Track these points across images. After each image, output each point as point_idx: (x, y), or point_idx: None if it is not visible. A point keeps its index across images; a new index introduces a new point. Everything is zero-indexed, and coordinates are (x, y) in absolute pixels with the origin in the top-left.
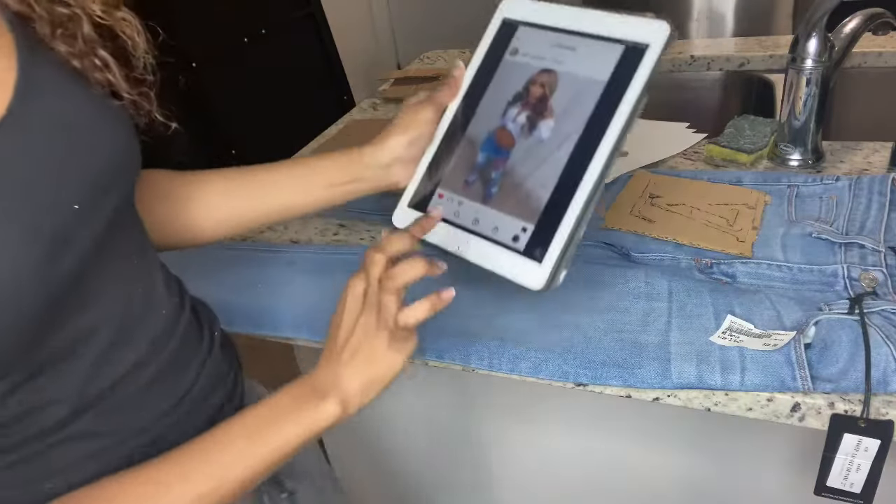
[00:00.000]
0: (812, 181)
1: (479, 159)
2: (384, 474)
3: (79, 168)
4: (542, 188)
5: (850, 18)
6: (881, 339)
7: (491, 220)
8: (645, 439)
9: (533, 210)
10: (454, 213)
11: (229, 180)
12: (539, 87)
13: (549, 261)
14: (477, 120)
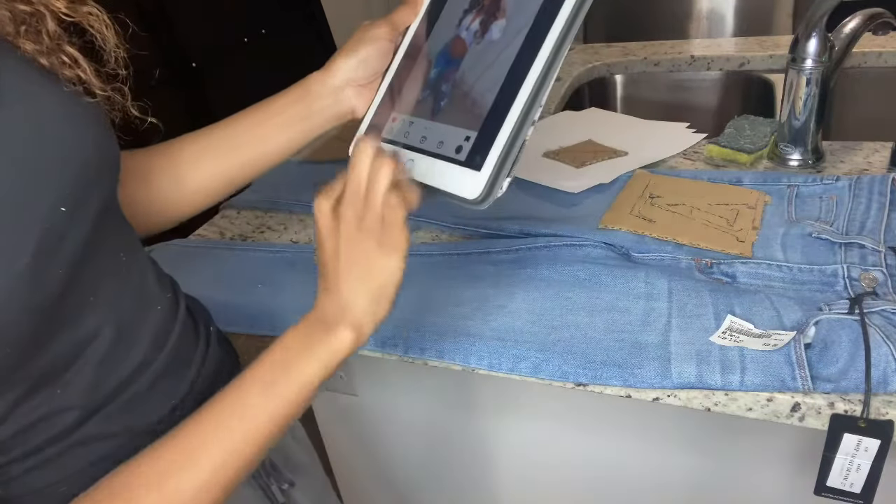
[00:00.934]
0: (812, 181)
1: (432, 75)
2: (383, 475)
3: (58, 169)
4: (488, 93)
5: (850, 18)
6: (881, 339)
7: (437, 135)
8: (645, 439)
9: (477, 117)
10: (404, 134)
11: (196, 144)
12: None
13: (488, 167)
14: (434, 36)
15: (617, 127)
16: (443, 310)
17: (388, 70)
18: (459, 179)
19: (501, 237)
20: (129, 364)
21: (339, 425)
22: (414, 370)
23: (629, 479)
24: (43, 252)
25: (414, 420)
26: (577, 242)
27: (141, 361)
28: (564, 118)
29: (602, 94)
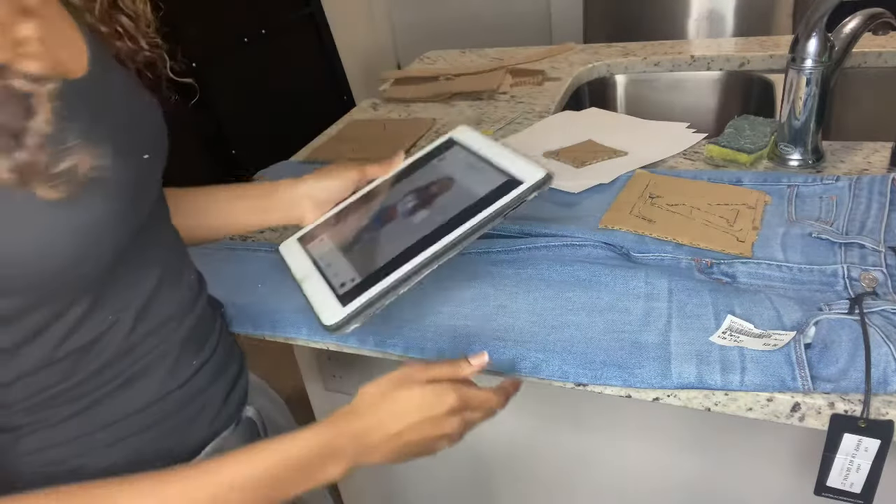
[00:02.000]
0: (812, 181)
1: (364, 223)
2: (383, 474)
3: (145, 123)
4: (383, 258)
5: (850, 18)
6: (881, 339)
7: (338, 267)
8: (645, 439)
9: (367, 269)
10: (320, 254)
11: (171, 199)
12: (437, 187)
13: (349, 308)
14: (385, 197)
15: (617, 127)
16: (443, 309)
17: (341, 203)
18: (328, 306)
19: (501, 237)
20: (166, 309)
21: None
22: None
23: (629, 479)
24: (139, 188)
25: None
26: (577, 242)
27: (172, 315)
28: (564, 118)
29: (602, 94)
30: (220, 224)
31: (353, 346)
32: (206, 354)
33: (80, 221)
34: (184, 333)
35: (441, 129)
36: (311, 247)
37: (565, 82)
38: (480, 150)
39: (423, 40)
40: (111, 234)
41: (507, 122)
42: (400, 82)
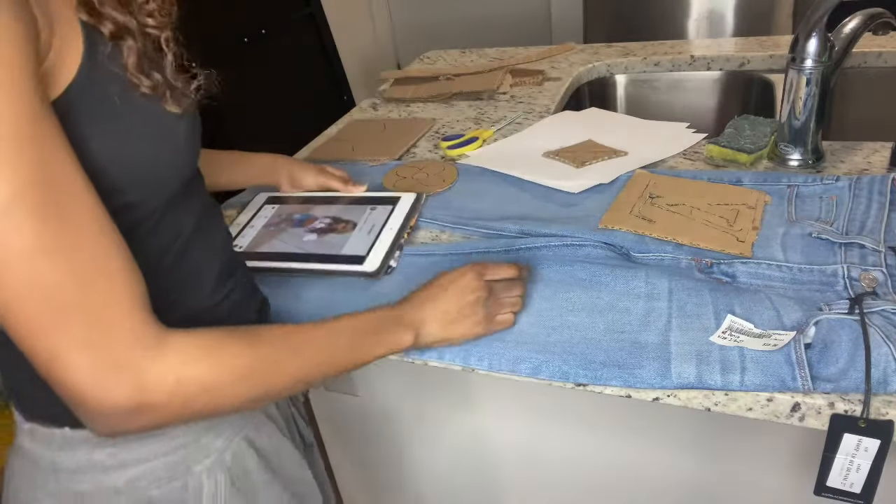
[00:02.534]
0: (812, 181)
1: (294, 215)
2: (383, 474)
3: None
4: (272, 248)
5: (850, 18)
6: (881, 339)
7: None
8: (645, 439)
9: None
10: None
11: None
12: (342, 226)
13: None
14: (322, 207)
15: (617, 127)
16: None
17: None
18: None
19: (502, 237)
20: (209, 236)
21: (339, 425)
22: (414, 370)
23: (629, 479)
24: (190, 134)
25: (414, 420)
26: (577, 242)
27: (214, 242)
28: (564, 118)
29: (602, 94)
30: (225, 183)
31: None
32: (237, 280)
33: (190, 131)
34: (220, 261)
35: (441, 129)
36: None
37: (565, 82)
38: (393, 221)
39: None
40: (197, 147)
41: (507, 122)
42: (400, 82)
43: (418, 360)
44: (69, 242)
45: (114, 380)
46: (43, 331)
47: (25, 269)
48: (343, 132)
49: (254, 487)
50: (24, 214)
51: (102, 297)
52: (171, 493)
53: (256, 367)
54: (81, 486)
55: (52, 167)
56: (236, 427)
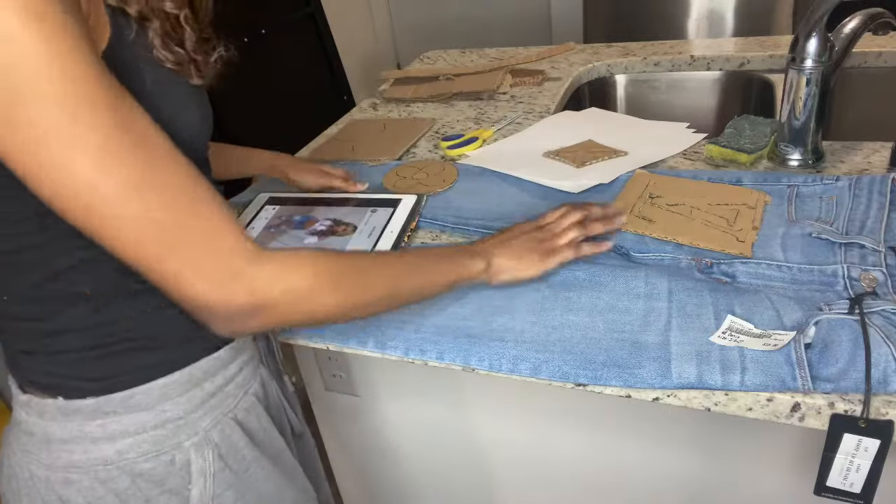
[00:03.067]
0: (812, 181)
1: (294, 216)
2: (384, 474)
3: None
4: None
5: (850, 18)
6: (881, 339)
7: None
8: (645, 439)
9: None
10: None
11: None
12: (342, 228)
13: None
14: (322, 208)
15: (617, 127)
16: (443, 310)
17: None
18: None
19: None
20: None
21: (339, 425)
22: (414, 370)
23: (629, 480)
24: (205, 122)
25: (414, 420)
26: None
27: None
28: (564, 118)
29: (602, 94)
30: (225, 173)
31: (353, 347)
32: None
33: (205, 101)
34: None
35: (441, 129)
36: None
37: (565, 82)
38: (394, 223)
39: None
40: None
41: (507, 122)
42: (400, 82)
43: (418, 360)
44: (162, 175)
45: (231, 288)
46: (164, 257)
47: (134, 206)
48: (343, 132)
49: (243, 463)
50: (117, 156)
51: (205, 219)
52: (158, 466)
53: (351, 278)
54: (73, 457)
55: (127, 112)
56: (224, 408)
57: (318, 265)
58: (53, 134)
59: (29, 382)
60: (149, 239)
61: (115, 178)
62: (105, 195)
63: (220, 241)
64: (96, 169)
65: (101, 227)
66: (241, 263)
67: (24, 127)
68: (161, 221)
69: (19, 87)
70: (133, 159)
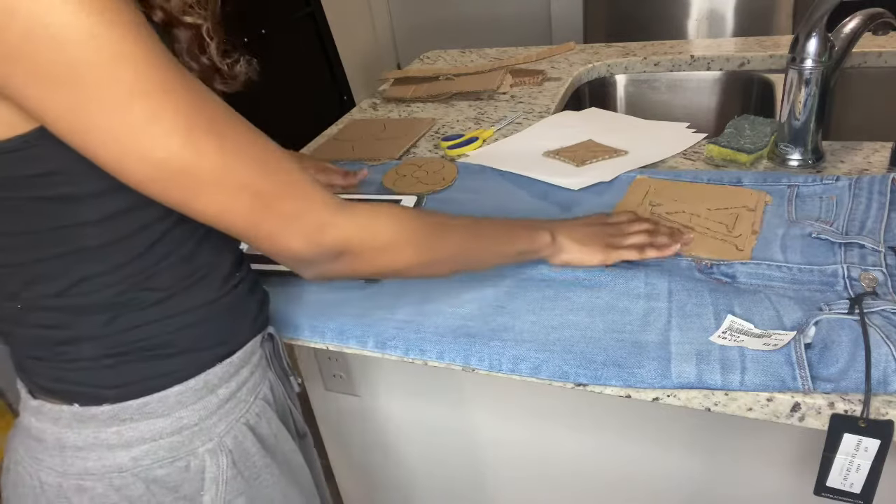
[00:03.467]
0: (812, 181)
1: None
2: (384, 474)
3: None
4: None
5: (850, 18)
6: (881, 339)
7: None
8: (645, 439)
9: None
10: None
11: None
12: None
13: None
14: None
15: (617, 127)
16: (443, 310)
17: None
18: None
19: None
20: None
21: (339, 425)
22: (414, 370)
23: (629, 480)
24: None
25: (414, 420)
26: None
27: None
28: (564, 118)
29: (602, 94)
30: None
31: (353, 347)
32: (244, 273)
33: None
34: (231, 253)
35: (441, 129)
36: None
37: (565, 82)
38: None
39: (423, 40)
40: None
41: (507, 122)
42: (400, 82)
43: (418, 360)
44: (243, 145)
45: (321, 237)
46: (259, 220)
47: (229, 177)
48: (343, 132)
49: (254, 470)
50: (203, 135)
51: (289, 180)
52: (173, 472)
53: (427, 234)
54: (87, 464)
55: (199, 92)
56: (237, 413)
57: (399, 220)
58: (140, 123)
59: (39, 388)
60: (244, 207)
61: (207, 155)
62: (199, 172)
63: (307, 196)
64: (188, 148)
65: (197, 201)
66: (328, 215)
67: (108, 119)
68: (253, 189)
69: (100, 84)
70: (214, 137)
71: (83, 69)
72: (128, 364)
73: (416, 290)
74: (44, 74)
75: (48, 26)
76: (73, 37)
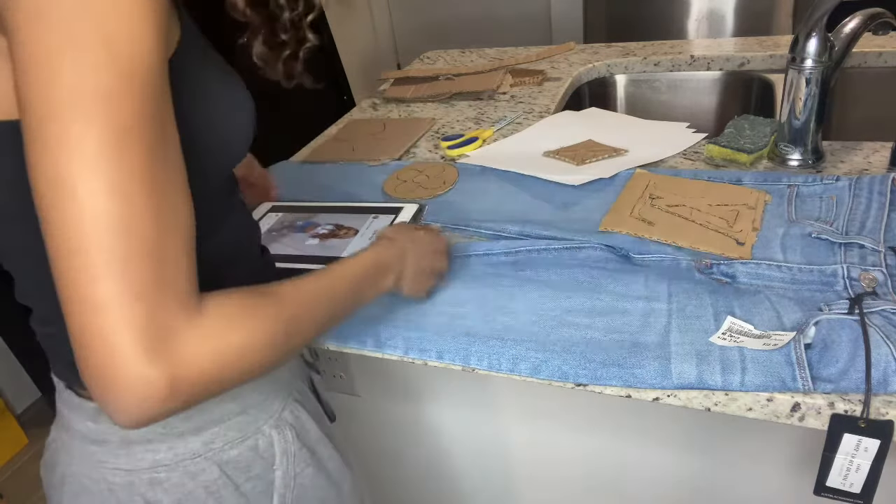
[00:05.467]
0: (812, 181)
1: (298, 221)
2: (384, 474)
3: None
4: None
5: (850, 18)
6: (881, 339)
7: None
8: (645, 439)
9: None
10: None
11: None
12: (344, 231)
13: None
14: (323, 214)
15: (617, 127)
16: (443, 310)
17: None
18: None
19: (502, 238)
20: (248, 219)
21: (339, 425)
22: (414, 370)
23: (628, 479)
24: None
25: (414, 420)
26: (576, 245)
27: (251, 226)
28: (564, 118)
29: (602, 94)
30: None
31: (353, 347)
32: (267, 259)
33: (252, 108)
34: (256, 242)
35: (441, 129)
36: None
37: (565, 82)
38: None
39: (423, 40)
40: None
41: (507, 122)
42: (400, 82)
43: (418, 360)
44: (163, 186)
45: (159, 342)
46: (105, 274)
47: (117, 201)
48: (343, 132)
49: (313, 443)
50: (138, 144)
51: (172, 250)
52: (244, 451)
53: (282, 330)
54: (157, 456)
55: (164, 111)
56: (289, 390)
57: (256, 321)
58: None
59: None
60: (102, 244)
61: (117, 166)
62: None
63: (173, 279)
64: (77, 173)
65: (45, 224)
66: (178, 316)
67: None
68: (130, 229)
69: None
70: (146, 155)
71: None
72: None
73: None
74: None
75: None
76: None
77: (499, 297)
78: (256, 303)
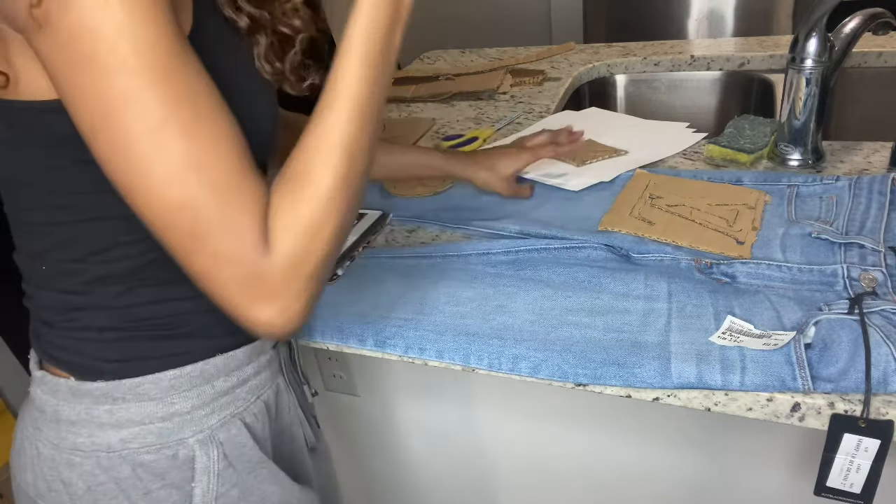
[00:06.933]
0: (812, 181)
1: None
2: (384, 474)
3: None
4: None
5: (850, 18)
6: (881, 338)
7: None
8: (645, 439)
9: None
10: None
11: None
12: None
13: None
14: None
15: (617, 127)
16: (442, 310)
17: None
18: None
19: (502, 237)
20: None
21: (339, 425)
22: (414, 370)
23: (629, 479)
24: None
25: (414, 420)
26: (576, 244)
27: None
28: (564, 118)
29: (602, 94)
30: (407, 170)
31: (353, 347)
32: None
33: (274, 101)
34: None
35: (441, 129)
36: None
37: (565, 82)
38: (350, 235)
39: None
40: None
41: (507, 122)
42: (400, 82)
43: (418, 360)
44: (212, 157)
45: (253, 291)
46: (193, 250)
47: (176, 189)
48: None
49: (248, 464)
50: (175, 133)
51: (236, 208)
52: (160, 459)
53: (330, 211)
54: (78, 440)
55: (197, 86)
56: (233, 409)
57: (313, 226)
58: (118, 98)
59: (48, 357)
60: (181, 226)
61: (162, 158)
62: (149, 169)
63: (243, 233)
64: (148, 141)
65: (136, 198)
66: (256, 259)
67: (91, 93)
68: (195, 209)
69: (96, 54)
70: (186, 140)
71: (85, 31)
72: (131, 340)
73: (416, 289)
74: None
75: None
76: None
77: (499, 297)
78: (301, 210)
